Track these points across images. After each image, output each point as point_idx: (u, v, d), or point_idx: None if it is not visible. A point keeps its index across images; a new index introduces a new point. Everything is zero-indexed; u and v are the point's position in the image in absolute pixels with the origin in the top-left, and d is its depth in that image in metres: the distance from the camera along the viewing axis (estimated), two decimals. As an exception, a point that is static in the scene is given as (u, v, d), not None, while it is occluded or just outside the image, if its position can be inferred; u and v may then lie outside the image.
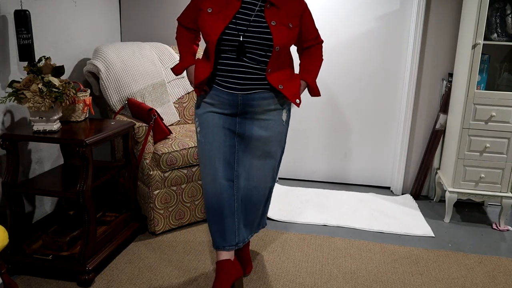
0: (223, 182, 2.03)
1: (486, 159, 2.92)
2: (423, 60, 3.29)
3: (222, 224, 2.05)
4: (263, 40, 1.89)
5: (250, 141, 2.05)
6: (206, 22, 1.92)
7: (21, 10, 2.27)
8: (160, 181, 2.63)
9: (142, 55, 3.05)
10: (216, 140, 2.02)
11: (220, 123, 2.02)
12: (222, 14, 1.90)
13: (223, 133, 2.02)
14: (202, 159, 2.06)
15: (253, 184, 2.11)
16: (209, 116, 2.03)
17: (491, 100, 2.84)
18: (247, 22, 1.89)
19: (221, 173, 2.02)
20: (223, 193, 2.03)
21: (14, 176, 2.21)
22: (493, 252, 2.68)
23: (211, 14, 1.91)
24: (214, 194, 2.03)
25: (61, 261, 2.21)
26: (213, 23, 1.90)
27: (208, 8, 1.91)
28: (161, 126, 2.69)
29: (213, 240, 2.08)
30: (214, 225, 2.07)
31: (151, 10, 3.49)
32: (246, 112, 2.01)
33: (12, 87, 2.16)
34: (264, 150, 2.08)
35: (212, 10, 1.91)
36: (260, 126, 2.04)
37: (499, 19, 2.88)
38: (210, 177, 2.03)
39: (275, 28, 1.90)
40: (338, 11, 3.38)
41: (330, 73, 3.50)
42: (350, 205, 3.26)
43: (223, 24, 1.89)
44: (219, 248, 2.07)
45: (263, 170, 2.12)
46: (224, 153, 2.03)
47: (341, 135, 3.62)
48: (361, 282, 2.31)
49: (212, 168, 2.02)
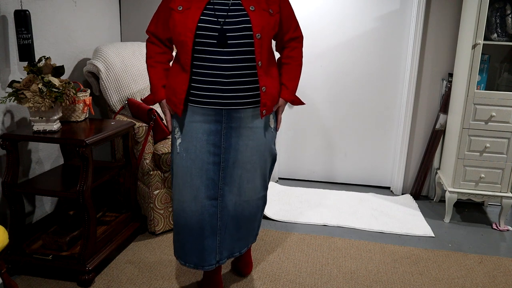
0: (205, 202, 1.89)
1: (486, 159, 2.92)
2: (423, 60, 3.29)
3: (201, 244, 1.92)
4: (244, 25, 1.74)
5: (238, 153, 1.88)
6: (177, 21, 1.77)
7: (21, 10, 2.27)
8: (160, 181, 2.63)
9: (142, 55, 3.05)
10: (199, 158, 1.85)
11: (204, 138, 1.85)
12: (193, 8, 1.76)
13: (207, 150, 1.85)
14: (180, 173, 1.89)
15: (244, 198, 1.97)
16: (192, 128, 1.86)
17: (491, 100, 2.84)
18: (225, 13, 1.75)
19: (203, 193, 1.88)
20: (204, 213, 1.89)
21: (14, 176, 2.21)
22: (493, 252, 2.68)
23: (181, 12, 1.77)
24: (193, 213, 1.89)
25: (61, 261, 2.21)
26: (184, 19, 1.75)
27: (179, 6, 1.77)
28: (161, 126, 2.69)
29: (186, 258, 1.96)
30: (189, 244, 1.93)
31: (151, 10, 3.48)
32: (231, 121, 1.85)
33: (12, 87, 2.16)
34: (253, 161, 1.92)
35: (183, 7, 1.77)
36: (247, 135, 1.88)
37: (499, 19, 2.88)
38: (189, 196, 1.88)
39: (254, 13, 1.76)
40: (338, 11, 3.38)
41: (330, 73, 3.50)
42: (350, 205, 3.26)
43: (196, 17, 1.73)
44: (197, 267, 1.96)
45: (253, 183, 1.97)
46: (207, 171, 1.87)
47: (341, 135, 3.62)
48: (361, 282, 2.31)
49: (193, 187, 1.87)
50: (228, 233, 1.98)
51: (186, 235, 1.94)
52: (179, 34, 1.76)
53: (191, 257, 1.96)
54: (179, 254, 2.00)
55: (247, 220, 2.03)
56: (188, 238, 1.94)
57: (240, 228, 2.02)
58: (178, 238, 1.99)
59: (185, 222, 1.92)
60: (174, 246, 2.04)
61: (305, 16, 3.42)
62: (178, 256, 2.02)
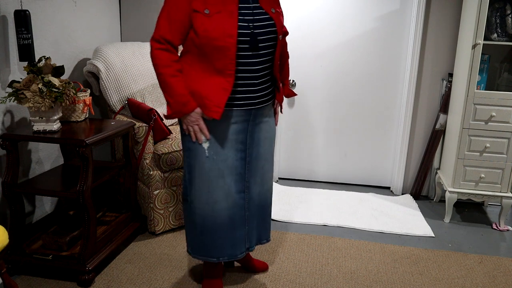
0: (235, 196, 1.97)
1: (486, 159, 2.92)
2: (423, 60, 3.29)
3: (233, 236, 2.01)
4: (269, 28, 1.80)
5: (259, 147, 2.01)
6: (210, 26, 1.71)
7: (21, 10, 2.27)
8: (160, 181, 2.63)
9: (142, 55, 3.05)
10: (230, 157, 1.92)
11: (233, 138, 1.91)
12: (225, 12, 1.73)
13: (235, 148, 1.93)
14: (211, 176, 1.91)
15: (266, 187, 2.11)
16: (222, 130, 1.89)
17: (491, 100, 2.84)
18: (251, 17, 1.79)
19: (233, 188, 1.96)
20: (235, 207, 1.99)
21: (14, 176, 2.21)
22: (493, 252, 2.68)
23: (210, 16, 1.71)
24: (225, 210, 1.96)
25: (61, 261, 2.21)
26: (220, 24, 1.71)
27: (205, 10, 1.72)
28: (161, 126, 2.69)
29: (219, 253, 2.02)
30: (221, 239, 2.00)
31: (151, 10, 3.48)
32: (256, 118, 1.96)
33: (12, 87, 2.16)
34: (270, 152, 2.08)
35: (210, 11, 1.72)
36: (265, 129, 2.02)
37: (499, 19, 2.88)
38: (221, 195, 1.94)
39: (275, 16, 1.83)
40: (338, 11, 3.38)
41: (330, 73, 3.50)
42: (350, 205, 3.26)
43: (235, 22, 1.72)
44: (230, 258, 2.04)
45: (270, 171, 2.13)
46: (236, 168, 1.95)
47: (341, 135, 3.62)
48: (361, 282, 2.31)
49: (225, 186, 1.93)
50: (255, 221, 2.11)
51: (217, 232, 1.99)
52: (215, 39, 1.72)
53: (224, 251, 2.03)
54: (209, 254, 2.04)
55: (268, 207, 2.19)
56: (219, 234, 2.00)
57: (265, 216, 2.17)
58: (203, 239, 2.02)
59: (215, 221, 1.97)
60: (198, 248, 2.05)
61: (305, 16, 3.42)
62: (206, 255, 2.04)
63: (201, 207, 1.96)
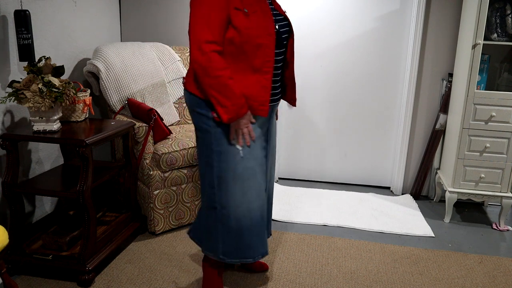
0: (263, 194, 2.00)
1: (486, 159, 2.92)
2: (423, 60, 3.29)
3: (263, 233, 2.04)
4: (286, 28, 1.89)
5: (271, 141, 2.10)
6: (252, 24, 1.74)
7: (21, 10, 2.27)
8: (160, 181, 2.63)
9: (142, 55, 3.05)
10: (259, 155, 1.95)
11: (260, 136, 1.95)
12: (261, 12, 1.78)
13: (261, 146, 1.96)
14: (246, 176, 1.90)
15: (272, 181, 2.21)
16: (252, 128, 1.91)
17: (491, 100, 2.84)
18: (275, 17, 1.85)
19: (263, 186, 1.99)
20: (264, 204, 2.01)
21: (14, 176, 2.21)
22: (493, 252, 2.68)
23: (249, 15, 1.74)
24: (259, 208, 1.97)
25: (61, 261, 2.21)
26: (260, 23, 1.75)
27: (244, 8, 1.74)
28: (161, 126, 2.69)
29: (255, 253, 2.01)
30: (255, 237, 1.99)
31: (151, 10, 3.49)
32: (272, 114, 2.04)
33: (12, 87, 2.16)
34: (275, 146, 2.16)
35: (248, 10, 1.74)
36: (273, 124, 2.10)
37: (499, 19, 2.88)
38: (255, 194, 1.94)
39: (287, 16, 1.94)
40: (338, 11, 3.38)
41: (330, 73, 3.50)
42: (350, 205, 3.26)
43: (272, 20, 1.79)
44: (263, 255, 2.04)
45: (274, 166, 2.22)
46: (262, 165, 1.98)
47: (341, 135, 3.62)
48: (361, 282, 2.31)
49: (257, 184, 1.94)
50: (269, 215, 2.24)
51: (253, 232, 1.98)
52: (257, 36, 1.75)
53: (258, 250, 2.02)
54: (244, 255, 2.00)
55: (272, 202, 2.27)
56: (255, 233, 1.99)
57: (270, 210, 2.27)
58: (239, 241, 1.98)
59: (251, 221, 1.96)
60: (233, 251, 2.00)
61: (305, 16, 3.42)
62: (242, 257, 2.01)
63: (236, 210, 1.92)
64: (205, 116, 1.86)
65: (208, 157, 1.91)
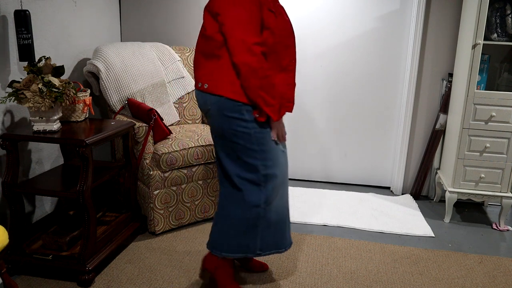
0: None
1: (486, 159, 2.92)
2: (423, 60, 3.29)
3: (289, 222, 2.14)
4: None
5: None
6: (283, 25, 1.84)
7: (21, 10, 2.27)
8: (160, 181, 2.63)
9: (142, 55, 3.05)
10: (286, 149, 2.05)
11: None
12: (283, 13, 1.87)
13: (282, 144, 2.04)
14: (284, 171, 2.01)
15: None
16: None
17: (491, 100, 2.84)
18: None
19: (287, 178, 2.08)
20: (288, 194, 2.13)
21: (14, 176, 2.21)
22: (493, 252, 2.68)
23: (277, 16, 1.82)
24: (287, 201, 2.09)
25: (61, 261, 2.21)
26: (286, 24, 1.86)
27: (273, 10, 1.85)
28: (161, 126, 2.69)
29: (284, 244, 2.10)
30: (287, 228, 2.10)
31: (151, 10, 3.49)
32: None
33: (12, 87, 2.16)
34: None
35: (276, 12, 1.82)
36: None
37: (499, 19, 2.88)
38: (286, 188, 2.07)
39: None
40: (338, 11, 3.38)
41: (330, 73, 3.50)
42: (350, 205, 3.26)
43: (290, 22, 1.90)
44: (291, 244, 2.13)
45: None
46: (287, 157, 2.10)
47: (341, 135, 3.62)
48: (361, 282, 2.31)
49: (287, 174, 2.06)
50: None
51: (287, 222, 2.09)
52: (287, 37, 1.85)
53: (288, 239, 2.12)
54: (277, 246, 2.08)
55: None
56: (287, 223, 2.10)
57: None
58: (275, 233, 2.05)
59: (287, 211, 2.09)
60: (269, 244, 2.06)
61: (305, 16, 3.42)
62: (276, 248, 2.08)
63: (278, 204, 2.02)
64: (239, 119, 1.83)
65: (250, 157, 1.89)
